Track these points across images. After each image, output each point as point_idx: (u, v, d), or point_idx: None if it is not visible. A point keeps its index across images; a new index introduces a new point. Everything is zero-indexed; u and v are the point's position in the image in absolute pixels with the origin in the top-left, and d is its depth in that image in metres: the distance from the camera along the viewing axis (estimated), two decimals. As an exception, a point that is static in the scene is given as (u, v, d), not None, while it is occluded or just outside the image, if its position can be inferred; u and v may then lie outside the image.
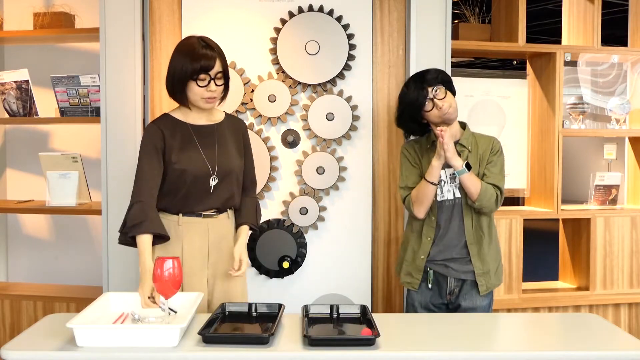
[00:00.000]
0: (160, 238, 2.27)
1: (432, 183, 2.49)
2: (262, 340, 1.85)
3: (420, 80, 2.52)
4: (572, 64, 3.63)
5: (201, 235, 2.32)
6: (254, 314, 2.15)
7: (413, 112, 2.52)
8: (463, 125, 2.62)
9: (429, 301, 2.57)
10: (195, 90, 2.24)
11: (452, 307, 2.57)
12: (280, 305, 2.13)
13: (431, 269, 2.55)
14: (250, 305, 2.17)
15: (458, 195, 2.54)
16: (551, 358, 1.84)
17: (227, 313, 2.14)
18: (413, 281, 2.59)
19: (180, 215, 2.32)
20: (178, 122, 2.34)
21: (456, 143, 2.54)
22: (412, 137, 2.77)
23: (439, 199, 2.54)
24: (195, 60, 2.20)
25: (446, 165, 2.51)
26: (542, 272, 5.57)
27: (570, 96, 3.65)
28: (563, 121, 3.46)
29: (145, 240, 2.20)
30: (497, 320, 2.22)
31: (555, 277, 3.88)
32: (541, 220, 3.52)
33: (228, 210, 2.41)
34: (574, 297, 3.49)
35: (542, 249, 7.81)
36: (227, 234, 2.39)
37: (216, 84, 2.25)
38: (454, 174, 2.51)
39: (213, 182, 2.31)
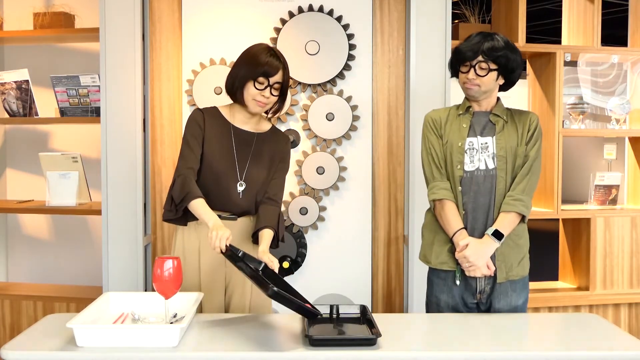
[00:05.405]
0: (182, 220, 2.28)
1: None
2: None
3: (484, 40, 2.28)
4: (572, 64, 3.62)
5: None
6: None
7: (454, 58, 2.35)
8: (496, 100, 2.41)
9: (458, 302, 2.33)
10: (251, 90, 2.24)
11: (484, 307, 2.34)
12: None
13: (459, 265, 2.29)
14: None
15: (492, 165, 2.29)
16: (551, 358, 1.84)
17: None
18: (448, 261, 2.32)
19: None
20: (223, 119, 2.34)
21: (490, 113, 2.34)
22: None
23: (467, 168, 2.30)
24: (261, 63, 2.22)
25: (479, 133, 2.32)
26: (542, 272, 5.56)
27: (570, 96, 3.65)
28: (563, 121, 3.46)
29: (198, 204, 2.18)
30: (496, 321, 2.21)
31: (555, 277, 3.87)
32: (541, 220, 3.50)
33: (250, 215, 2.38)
34: (574, 297, 3.49)
35: (542, 249, 7.80)
36: (246, 238, 2.35)
37: (272, 93, 2.25)
38: (486, 142, 2.31)
39: (240, 188, 2.30)
